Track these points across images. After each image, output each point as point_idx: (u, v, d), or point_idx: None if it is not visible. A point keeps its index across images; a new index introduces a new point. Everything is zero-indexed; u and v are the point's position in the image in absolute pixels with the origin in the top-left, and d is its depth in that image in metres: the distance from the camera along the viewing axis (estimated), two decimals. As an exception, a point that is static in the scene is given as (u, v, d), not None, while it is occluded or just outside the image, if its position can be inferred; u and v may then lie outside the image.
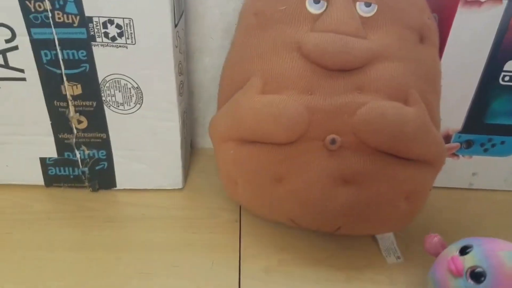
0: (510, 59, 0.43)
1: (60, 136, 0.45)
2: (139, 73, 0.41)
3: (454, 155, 0.49)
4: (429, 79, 0.38)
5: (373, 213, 0.36)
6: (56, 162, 0.46)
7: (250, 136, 0.36)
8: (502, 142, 0.48)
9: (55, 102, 0.43)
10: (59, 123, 0.44)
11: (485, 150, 0.49)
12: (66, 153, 0.46)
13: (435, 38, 0.39)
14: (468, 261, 0.32)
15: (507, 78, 0.44)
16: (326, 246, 0.43)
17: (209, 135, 0.41)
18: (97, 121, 0.44)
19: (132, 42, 0.39)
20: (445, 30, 0.42)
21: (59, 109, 0.43)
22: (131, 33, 0.39)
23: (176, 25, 0.41)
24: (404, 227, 0.40)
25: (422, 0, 0.39)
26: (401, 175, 0.36)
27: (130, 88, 0.42)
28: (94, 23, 0.38)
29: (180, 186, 0.49)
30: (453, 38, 0.42)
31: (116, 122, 0.44)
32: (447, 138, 0.48)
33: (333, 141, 0.34)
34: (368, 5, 0.36)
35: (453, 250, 0.34)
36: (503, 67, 0.43)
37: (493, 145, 0.48)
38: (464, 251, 0.33)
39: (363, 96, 0.35)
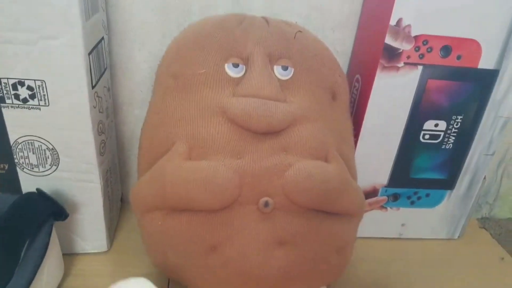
0: (429, 119, 0.44)
1: (-32, 200, 0.41)
2: (54, 134, 0.39)
3: (383, 207, 0.50)
4: (344, 134, 0.39)
5: (308, 272, 0.36)
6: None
7: (179, 204, 0.34)
8: (427, 195, 0.50)
9: (-39, 164, 0.39)
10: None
11: (412, 203, 0.50)
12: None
13: (345, 93, 0.40)
14: None
15: (427, 136, 0.45)
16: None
17: (132, 206, 0.39)
18: (9, 184, 0.41)
19: (45, 103, 0.37)
20: (367, 92, 0.43)
21: (-33, 171, 0.40)
22: (44, 95, 0.37)
23: (94, 86, 0.39)
24: (335, 280, 0.40)
25: (332, 59, 0.40)
26: (332, 230, 0.36)
27: (45, 150, 0.39)
28: (3, 84, 0.36)
29: (105, 249, 0.47)
30: (375, 99, 0.43)
31: (30, 184, 0.41)
32: (374, 192, 0.49)
33: (266, 204, 0.34)
34: (285, 68, 0.36)
35: None
36: (423, 126, 0.45)
37: (419, 198, 0.50)
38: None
39: (289, 157, 0.35)
